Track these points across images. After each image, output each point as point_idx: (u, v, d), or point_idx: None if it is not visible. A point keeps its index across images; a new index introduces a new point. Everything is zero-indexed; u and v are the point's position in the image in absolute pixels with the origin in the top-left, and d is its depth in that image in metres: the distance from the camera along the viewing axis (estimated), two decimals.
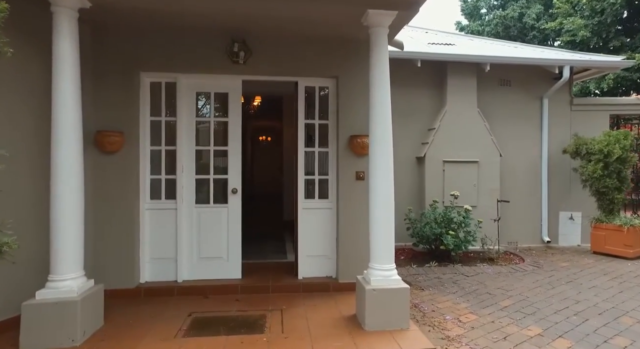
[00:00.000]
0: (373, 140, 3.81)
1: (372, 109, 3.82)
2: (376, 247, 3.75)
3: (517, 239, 7.49)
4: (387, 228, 3.71)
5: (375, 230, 3.75)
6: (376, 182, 3.75)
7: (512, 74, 7.51)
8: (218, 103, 4.82)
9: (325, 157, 4.96)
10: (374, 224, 3.75)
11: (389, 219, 3.72)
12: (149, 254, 4.58)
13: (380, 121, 3.76)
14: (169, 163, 4.69)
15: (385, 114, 3.77)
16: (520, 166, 7.60)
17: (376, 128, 3.78)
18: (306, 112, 4.90)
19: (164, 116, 4.65)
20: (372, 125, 3.81)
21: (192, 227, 4.69)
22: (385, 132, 3.76)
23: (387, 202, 3.72)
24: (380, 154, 3.75)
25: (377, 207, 3.74)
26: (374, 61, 3.83)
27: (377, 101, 3.78)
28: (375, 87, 3.81)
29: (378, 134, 3.77)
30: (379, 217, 3.72)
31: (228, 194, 4.76)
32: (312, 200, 4.90)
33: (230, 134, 4.77)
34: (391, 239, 3.75)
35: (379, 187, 3.73)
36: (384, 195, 3.72)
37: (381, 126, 3.76)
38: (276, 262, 5.65)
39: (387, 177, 3.74)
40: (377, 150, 3.76)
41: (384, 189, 3.72)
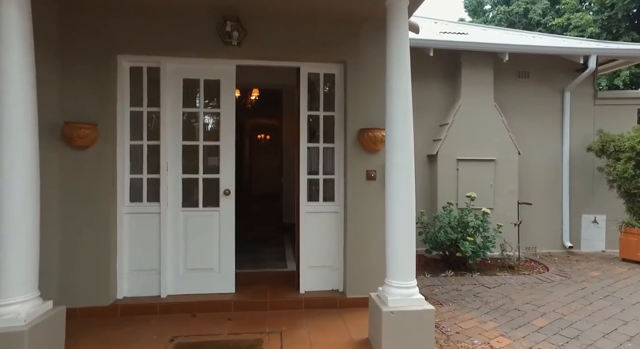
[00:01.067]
0: (391, 134, 3.21)
1: (390, 97, 3.21)
2: (394, 260, 3.15)
3: (535, 244, 6.90)
4: (407, 238, 3.11)
5: (393, 240, 3.15)
6: (394, 183, 3.14)
7: (530, 65, 6.92)
8: (208, 92, 4.21)
9: (330, 154, 4.37)
10: (392, 232, 3.15)
11: (409, 227, 3.12)
12: (127, 265, 3.97)
13: (400, 111, 3.15)
14: (151, 160, 4.08)
15: (405, 103, 3.17)
16: (539, 164, 7.01)
17: (394, 120, 3.17)
18: (309, 103, 4.29)
19: (146, 106, 4.04)
20: (390, 116, 3.21)
21: (178, 234, 4.08)
22: (405, 125, 3.16)
23: (407, 207, 3.12)
24: (400, 150, 3.14)
25: (395, 213, 3.13)
26: (392, 41, 3.22)
27: (396, 88, 3.17)
28: (393, 71, 3.21)
29: (397, 127, 3.17)
30: (397, 224, 3.12)
31: (220, 196, 4.16)
32: (316, 203, 4.30)
33: (222, 128, 4.16)
34: (412, 251, 3.15)
35: (397, 190, 3.13)
36: (403, 199, 3.11)
37: (401, 117, 3.15)
38: (275, 272, 5.04)
39: (408, 178, 3.13)
40: (396, 146, 3.16)
41: (404, 192, 3.12)
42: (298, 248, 4.28)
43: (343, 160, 4.24)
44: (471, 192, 6.05)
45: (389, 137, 3.22)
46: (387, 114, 3.24)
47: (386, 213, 3.21)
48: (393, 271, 3.15)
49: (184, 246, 4.09)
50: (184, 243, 4.09)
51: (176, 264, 4.07)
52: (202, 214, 4.15)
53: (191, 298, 3.98)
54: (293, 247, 6.41)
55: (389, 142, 3.20)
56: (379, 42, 4.05)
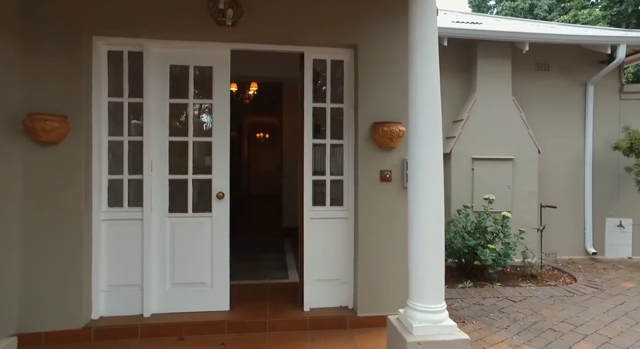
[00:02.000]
0: (415, 128, 2.69)
1: (414, 84, 2.69)
2: (419, 278, 2.63)
3: (555, 249, 6.39)
4: (436, 252, 2.59)
5: (417, 253, 2.62)
6: (420, 186, 2.62)
7: (551, 57, 6.40)
8: (199, 80, 3.68)
9: (338, 151, 3.84)
10: (416, 244, 2.62)
11: (438, 240, 2.60)
12: (105, 280, 3.43)
13: (427, 100, 2.64)
14: (133, 159, 3.56)
15: (433, 90, 2.66)
16: (559, 164, 6.49)
17: (420, 111, 2.66)
18: (314, 94, 3.77)
19: (127, 96, 3.51)
20: (415, 107, 2.69)
21: (164, 243, 3.55)
22: (433, 117, 2.65)
23: (436, 215, 2.60)
24: (426, 147, 2.62)
25: (420, 222, 2.61)
26: (415, 16, 2.71)
27: (422, 73, 2.65)
28: (417, 53, 2.69)
29: (423, 120, 2.65)
30: (423, 235, 2.60)
31: (212, 200, 3.63)
32: (322, 207, 3.77)
33: (215, 122, 3.63)
34: (441, 268, 2.62)
35: (424, 194, 2.61)
36: (431, 205, 2.59)
37: (428, 107, 2.64)
38: (275, 284, 4.52)
39: (436, 181, 2.61)
40: (422, 142, 2.64)
41: (432, 197, 2.60)
42: (302, 259, 3.75)
43: (353, 159, 3.72)
44: (489, 195, 5.53)
45: (413, 131, 2.69)
46: (411, 105, 2.72)
47: (409, 222, 2.69)
48: (418, 291, 2.63)
49: (170, 257, 3.56)
50: (171, 254, 3.56)
51: (162, 279, 3.54)
52: (192, 221, 3.62)
53: (179, 317, 3.45)
54: (294, 254, 5.90)
55: (414, 138, 2.68)
56: (396, 22, 3.55)
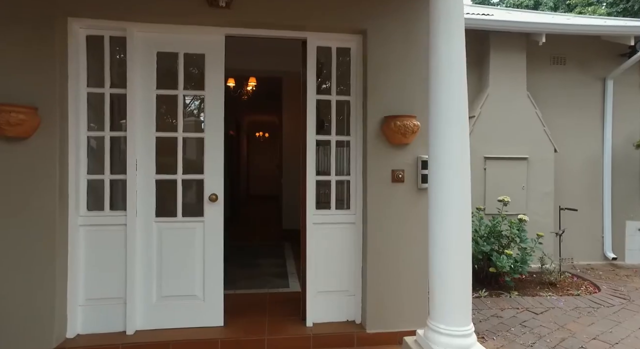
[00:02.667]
0: (437, 121, 2.32)
1: (437, 70, 2.34)
2: (443, 296, 2.25)
3: (572, 254, 6.02)
4: (462, 266, 2.22)
5: (440, 267, 2.25)
6: (444, 189, 2.25)
7: (567, 50, 6.03)
8: (190, 69, 3.30)
9: (345, 149, 3.48)
10: (439, 256, 2.25)
11: (464, 251, 2.23)
12: (83, 293, 3.05)
13: (451, 89, 2.28)
14: (116, 157, 3.19)
15: (459, 77, 2.31)
16: (576, 163, 6.12)
17: (443, 101, 2.30)
18: (318, 86, 3.40)
19: (109, 87, 3.13)
20: (437, 97, 2.33)
21: (150, 251, 3.17)
22: (459, 109, 2.28)
23: (462, 223, 2.23)
24: (451, 143, 2.27)
25: (444, 229, 2.24)
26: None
27: (447, 56, 2.29)
28: (440, 33, 2.33)
29: (446, 112, 2.29)
30: (447, 247, 2.22)
31: (204, 203, 3.25)
32: (327, 211, 3.40)
33: (208, 116, 3.25)
34: (468, 284, 2.25)
35: (447, 199, 2.24)
36: (457, 212, 2.22)
37: (453, 97, 2.28)
38: (275, 294, 4.15)
39: (462, 183, 2.26)
40: (445, 137, 2.28)
41: (457, 202, 2.23)
42: (304, 268, 3.37)
43: (361, 157, 3.34)
44: (504, 196, 5.15)
45: (434, 125, 2.32)
46: (432, 94, 2.35)
47: (430, 230, 2.32)
48: (441, 310, 2.25)
49: (157, 267, 3.19)
50: (158, 263, 3.19)
51: (148, 291, 3.16)
52: (182, 226, 3.24)
53: (167, 334, 3.07)
54: (295, 259, 5.54)
55: (435, 133, 2.31)
56: (411, 4, 3.17)
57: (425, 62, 3.21)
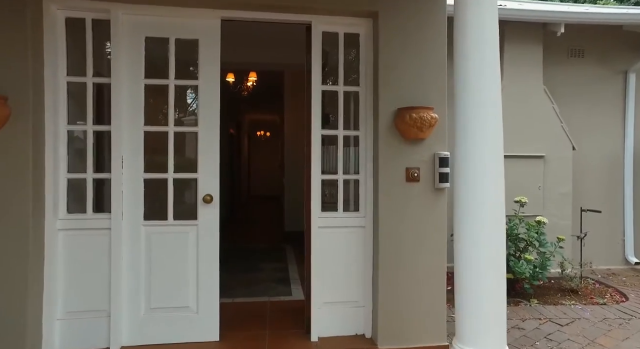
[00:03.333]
0: (465, 108, 1.99)
1: (463, 50, 1.99)
2: (472, 316, 1.92)
3: (590, 258, 5.65)
4: (496, 281, 1.89)
5: (469, 283, 1.92)
6: (474, 192, 1.92)
7: (586, 41, 5.69)
8: (182, 57, 2.98)
9: (353, 145, 3.16)
10: (468, 270, 1.92)
11: (498, 265, 1.90)
12: (61, 305, 2.74)
13: (483, 69, 1.95)
14: (100, 153, 2.88)
15: (492, 58, 1.97)
16: (595, 162, 5.78)
17: (473, 83, 1.96)
18: (324, 76, 3.08)
19: (91, 76, 2.82)
20: (465, 82, 2.00)
21: (138, 258, 2.86)
22: (492, 96, 1.95)
23: (495, 230, 1.90)
24: (483, 138, 1.93)
25: (473, 240, 1.91)
26: None
27: (476, 29, 1.95)
28: (468, 12, 1.98)
29: (476, 100, 1.95)
30: (477, 258, 1.90)
31: (198, 204, 2.93)
32: (333, 213, 3.08)
33: (202, 108, 2.94)
34: (502, 301, 1.92)
35: (477, 202, 1.91)
36: (488, 217, 1.90)
37: (485, 78, 1.95)
38: (276, 302, 3.84)
39: (496, 183, 1.92)
40: (476, 127, 1.94)
41: (489, 206, 1.90)
42: (309, 277, 3.05)
43: (372, 153, 3.02)
44: (520, 196, 4.81)
45: (463, 116, 1.99)
46: (458, 80, 2.02)
47: (456, 238, 1.99)
48: (470, 331, 1.93)
49: (146, 275, 2.87)
50: (147, 272, 2.87)
51: (135, 303, 2.84)
52: (173, 230, 2.92)
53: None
54: (297, 263, 5.22)
55: (464, 122, 1.98)
56: None
57: (444, 46, 2.93)
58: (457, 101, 2.03)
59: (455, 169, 2.03)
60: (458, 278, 1.98)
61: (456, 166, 2.01)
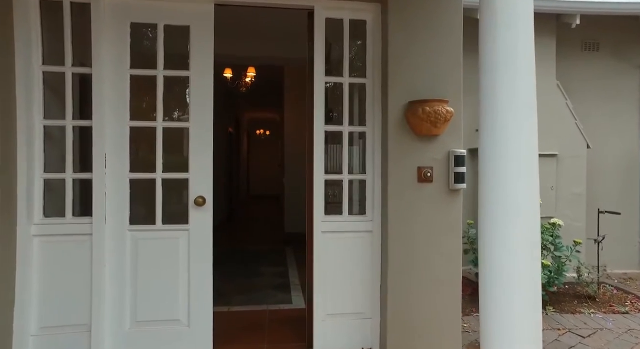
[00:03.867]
0: (493, 102, 1.72)
1: (492, 27, 1.73)
2: (500, 335, 1.65)
3: (605, 262, 5.39)
4: (529, 297, 1.63)
5: (497, 297, 1.66)
6: (502, 191, 1.65)
7: (601, 34, 5.42)
8: (171, 44, 2.71)
9: (360, 142, 2.90)
10: (495, 284, 1.66)
11: (533, 278, 1.63)
12: (36, 320, 2.47)
13: (517, 46, 1.69)
14: (80, 151, 2.61)
15: (526, 42, 1.71)
16: (610, 161, 5.52)
17: (504, 74, 1.70)
18: (327, 68, 2.81)
19: (70, 65, 2.55)
20: (491, 67, 1.73)
21: (123, 266, 2.59)
22: (526, 83, 1.69)
23: (530, 237, 1.64)
24: (515, 125, 1.66)
25: (502, 248, 1.64)
26: None
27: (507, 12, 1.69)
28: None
29: (507, 88, 1.69)
30: (508, 269, 1.63)
31: (190, 207, 2.67)
32: (338, 217, 2.82)
33: (193, 101, 2.67)
34: (538, 319, 1.66)
35: (508, 205, 1.64)
36: (521, 222, 1.63)
37: (518, 69, 1.69)
38: (275, 311, 3.58)
39: (530, 183, 1.66)
40: (506, 117, 1.68)
41: (523, 209, 1.63)
42: (310, 286, 2.79)
43: (380, 151, 2.76)
44: None
45: (490, 102, 1.73)
46: (485, 63, 1.75)
47: (482, 245, 1.73)
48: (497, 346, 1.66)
49: (132, 286, 2.60)
50: (133, 282, 2.60)
51: (119, 316, 2.58)
52: (162, 236, 2.66)
53: None
54: (298, 266, 4.97)
55: (492, 112, 1.71)
56: None
57: (460, 33, 2.67)
58: (483, 88, 1.77)
59: (480, 168, 1.77)
60: (482, 294, 1.72)
61: (482, 165, 1.75)
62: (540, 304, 1.65)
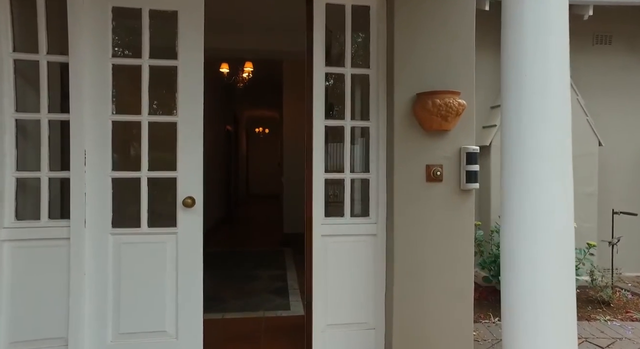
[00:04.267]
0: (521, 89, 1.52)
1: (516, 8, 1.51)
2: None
3: (617, 264, 5.19)
4: (565, 317, 1.40)
5: (523, 319, 1.43)
6: (532, 192, 1.44)
7: (613, 26, 5.19)
8: (158, 31, 2.49)
9: (363, 138, 2.68)
10: (523, 304, 1.43)
11: (567, 295, 1.42)
12: (5, 335, 2.25)
13: (549, 32, 1.48)
14: (57, 147, 2.39)
15: (559, 15, 1.48)
16: (623, 159, 5.30)
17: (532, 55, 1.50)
18: (328, 59, 2.58)
19: (45, 52, 2.33)
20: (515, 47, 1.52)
21: (104, 273, 2.37)
22: (559, 67, 1.48)
23: (563, 245, 1.43)
24: (545, 116, 1.45)
25: (531, 258, 1.43)
26: None
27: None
28: None
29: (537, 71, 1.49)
30: (538, 284, 1.41)
31: (178, 209, 2.44)
32: (339, 219, 2.60)
33: (181, 93, 2.44)
34: (574, 344, 1.43)
35: (538, 208, 1.43)
36: (554, 228, 1.43)
37: (551, 50, 1.48)
38: (272, 319, 3.36)
39: (564, 182, 1.46)
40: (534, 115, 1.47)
41: (557, 213, 1.44)
42: (309, 294, 2.57)
43: (385, 148, 2.54)
44: None
45: (516, 87, 1.52)
46: (508, 43, 1.55)
47: (506, 254, 1.51)
48: None
49: (114, 294, 2.39)
50: (115, 290, 2.39)
51: (100, 327, 2.36)
52: (147, 240, 2.44)
53: None
54: (298, 269, 4.75)
55: (518, 99, 1.51)
56: None
57: (473, 18, 2.45)
58: (506, 74, 1.55)
59: (504, 167, 1.55)
60: (505, 313, 1.50)
61: (506, 164, 1.53)
62: (576, 335, 1.43)
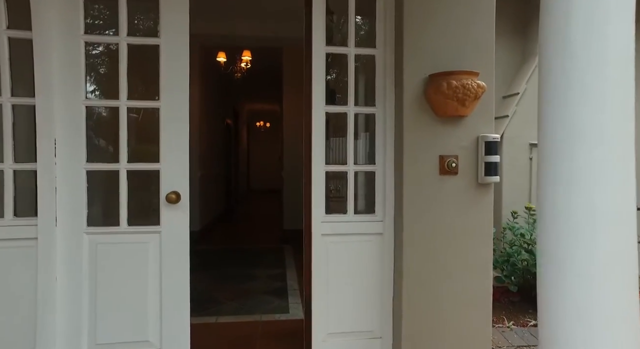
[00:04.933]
0: (568, 63, 1.22)
1: None
2: None
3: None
4: (625, 331, 1.13)
5: (572, 339, 1.16)
6: (582, 195, 1.16)
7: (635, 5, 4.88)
8: (138, 4, 2.21)
9: (368, 126, 2.40)
10: (569, 323, 1.16)
11: (631, 303, 1.14)
12: None
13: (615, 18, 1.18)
14: (22, 136, 2.13)
15: None
16: (638, 151, 5.00)
17: (585, 22, 1.19)
18: (329, 38, 2.31)
19: (5, 27, 2.05)
20: (562, 14, 1.22)
21: (79, 277, 2.12)
22: (623, 38, 1.19)
23: (626, 252, 1.14)
24: (605, 110, 1.18)
25: (580, 268, 1.15)
26: None
27: None
28: None
29: (590, 42, 1.19)
30: (591, 299, 1.13)
31: (161, 205, 2.18)
32: (342, 216, 2.33)
33: (164, 76, 2.17)
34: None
35: (591, 204, 1.15)
36: (615, 231, 1.14)
37: (611, 17, 1.18)
38: (270, 323, 3.11)
39: (625, 174, 1.17)
40: (589, 96, 1.18)
41: (616, 211, 1.14)
42: (309, 300, 2.32)
43: (393, 137, 2.26)
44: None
45: (561, 71, 1.22)
46: (550, 4, 1.25)
47: (546, 269, 1.23)
48: None
49: (90, 300, 2.13)
50: (91, 295, 2.13)
51: (74, 338, 2.11)
52: (127, 239, 2.18)
53: None
54: (298, 268, 4.51)
55: (566, 86, 1.21)
56: None
57: None
58: (546, 40, 1.26)
59: (541, 159, 1.27)
60: (544, 330, 1.23)
61: (543, 156, 1.25)
62: None
